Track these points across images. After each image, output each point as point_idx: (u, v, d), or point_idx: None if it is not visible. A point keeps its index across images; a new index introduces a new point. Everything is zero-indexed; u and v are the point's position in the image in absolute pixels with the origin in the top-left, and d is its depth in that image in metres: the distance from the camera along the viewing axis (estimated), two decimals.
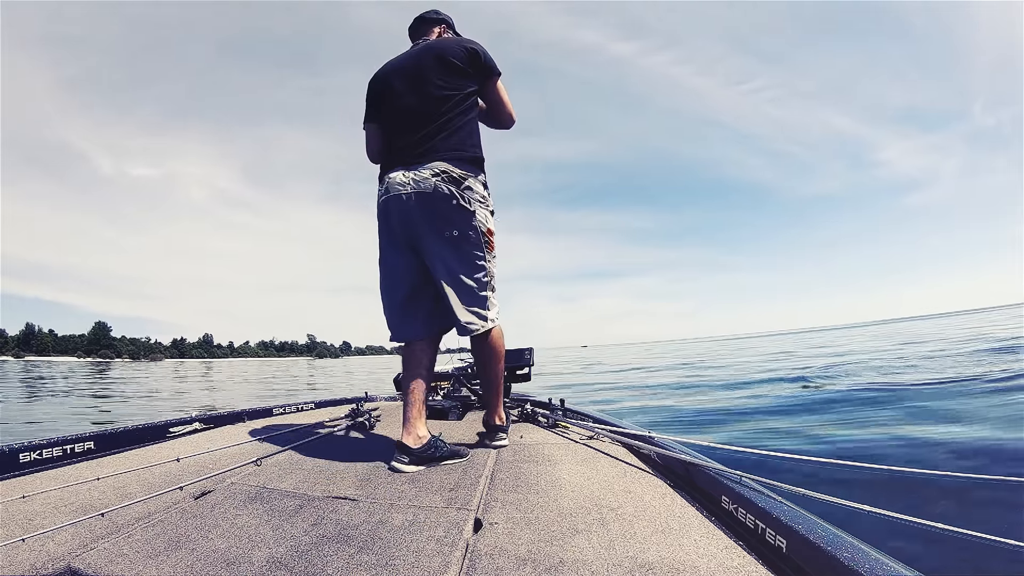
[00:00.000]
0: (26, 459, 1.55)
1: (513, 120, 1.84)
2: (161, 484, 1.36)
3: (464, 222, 1.59)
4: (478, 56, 1.68)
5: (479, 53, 1.68)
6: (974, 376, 5.47)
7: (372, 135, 1.77)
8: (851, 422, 3.98)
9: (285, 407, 2.73)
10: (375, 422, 2.25)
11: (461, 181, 1.59)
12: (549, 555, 0.93)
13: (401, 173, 1.61)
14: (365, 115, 1.78)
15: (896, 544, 1.41)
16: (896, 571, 0.74)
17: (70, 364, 61.32)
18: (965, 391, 4.71)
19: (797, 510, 0.97)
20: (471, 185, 1.61)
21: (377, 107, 1.74)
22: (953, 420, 3.60)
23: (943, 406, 4.14)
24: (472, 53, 1.67)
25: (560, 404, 2.56)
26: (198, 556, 0.93)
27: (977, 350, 8.53)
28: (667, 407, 5.82)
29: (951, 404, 4.20)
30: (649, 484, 1.35)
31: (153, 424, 2.02)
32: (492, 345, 1.70)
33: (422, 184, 1.57)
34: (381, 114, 1.74)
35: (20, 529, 1.07)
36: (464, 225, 1.59)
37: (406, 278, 1.67)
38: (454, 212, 1.58)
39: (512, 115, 1.83)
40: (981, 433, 3.18)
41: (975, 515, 1.93)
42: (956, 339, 12.19)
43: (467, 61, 1.66)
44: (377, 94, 1.74)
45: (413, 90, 1.66)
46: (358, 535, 1.01)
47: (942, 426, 3.46)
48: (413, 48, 1.77)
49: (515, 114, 1.83)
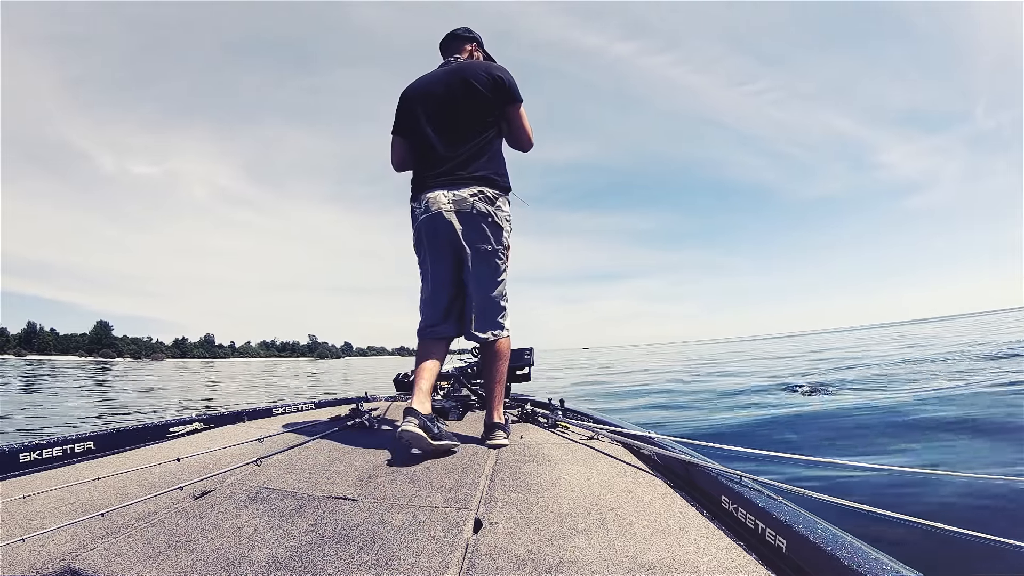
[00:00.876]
0: (26, 459, 1.55)
1: (531, 144, 1.96)
2: (161, 484, 1.36)
3: (496, 239, 1.81)
4: (503, 84, 1.82)
5: (504, 80, 1.82)
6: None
7: (397, 147, 1.95)
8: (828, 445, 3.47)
9: (285, 407, 2.73)
10: (375, 422, 2.25)
11: (494, 200, 1.80)
12: (549, 555, 0.93)
13: (442, 193, 1.79)
14: (393, 126, 1.95)
15: (896, 544, 1.41)
16: (896, 571, 0.74)
17: (71, 363, 61.33)
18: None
19: (797, 510, 0.97)
20: (501, 205, 1.83)
21: (406, 123, 1.91)
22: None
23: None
24: (497, 81, 1.81)
25: (560, 404, 2.56)
26: (198, 556, 0.93)
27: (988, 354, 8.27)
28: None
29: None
30: (649, 484, 1.35)
31: (153, 424, 2.02)
32: (501, 348, 1.88)
33: (463, 204, 1.77)
34: (410, 131, 1.90)
35: (20, 529, 1.07)
36: (496, 242, 1.81)
37: (450, 286, 1.89)
38: (490, 228, 1.79)
39: (531, 139, 1.94)
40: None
41: (975, 515, 1.93)
42: (962, 343, 11.80)
43: (491, 87, 1.80)
44: (407, 111, 1.90)
45: (443, 114, 1.84)
46: (358, 535, 1.01)
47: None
48: (443, 67, 1.93)
49: (534, 139, 1.95)
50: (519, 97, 1.86)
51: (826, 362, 10.54)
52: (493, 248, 1.80)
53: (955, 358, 8.21)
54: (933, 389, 5.19)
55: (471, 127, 1.81)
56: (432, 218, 1.79)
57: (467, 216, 1.77)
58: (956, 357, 8.35)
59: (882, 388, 5.75)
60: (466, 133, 1.81)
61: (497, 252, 1.82)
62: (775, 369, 10.06)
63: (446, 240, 1.80)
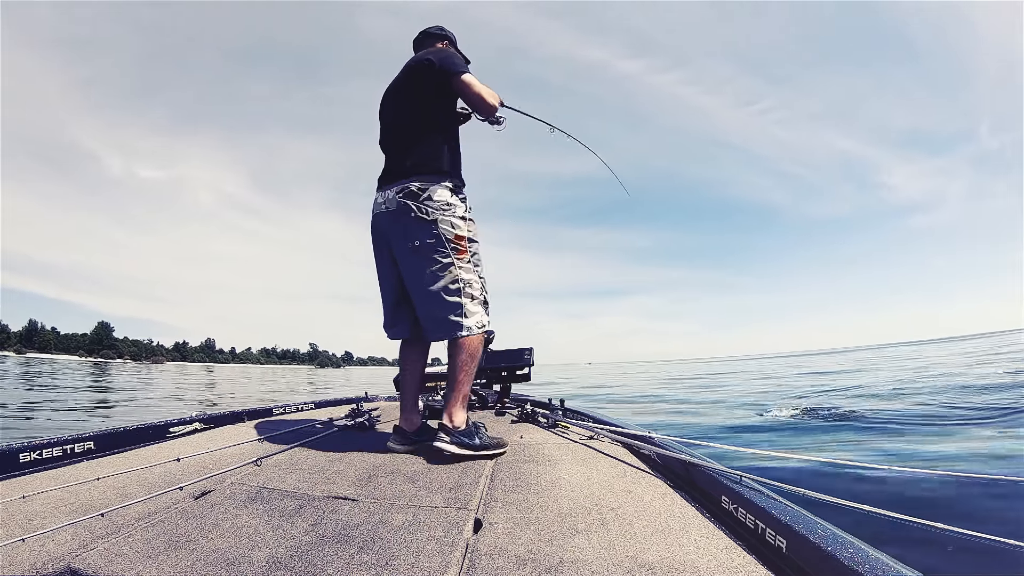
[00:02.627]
0: (26, 459, 1.55)
1: (492, 105, 1.76)
2: (161, 484, 1.36)
3: (424, 232, 1.66)
4: (432, 65, 1.72)
5: (433, 62, 1.73)
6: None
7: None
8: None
9: (285, 407, 2.73)
10: (375, 422, 2.25)
11: (420, 194, 1.67)
12: (549, 555, 0.93)
13: (380, 194, 1.77)
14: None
15: (896, 544, 1.41)
16: (896, 571, 0.74)
17: (71, 362, 61.19)
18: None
19: (797, 510, 0.97)
20: (431, 195, 1.67)
21: (380, 129, 1.90)
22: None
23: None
24: (426, 64, 1.73)
25: (560, 404, 2.56)
26: (198, 556, 0.93)
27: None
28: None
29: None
30: (649, 484, 1.35)
31: (153, 424, 2.02)
32: (466, 351, 1.68)
33: (388, 203, 1.72)
34: (380, 135, 1.89)
35: (20, 529, 1.07)
36: (424, 235, 1.66)
37: (394, 286, 1.82)
38: (412, 223, 1.67)
39: (488, 102, 1.75)
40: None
41: (975, 515, 1.93)
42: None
43: (424, 72, 1.74)
44: (380, 118, 1.90)
45: (389, 111, 1.84)
46: (358, 535, 1.01)
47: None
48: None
49: (495, 96, 1.77)
50: (456, 68, 1.72)
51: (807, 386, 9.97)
52: (423, 242, 1.66)
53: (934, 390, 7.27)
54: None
55: (409, 117, 1.77)
56: (372, 220, 1.80)
57: (393, 215, 1.70)
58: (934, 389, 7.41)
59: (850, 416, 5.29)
60: (404, 125, 1.78)
61: (428, 246, 1.66)
62: (759, 389, 9.89)
63: (382, 242, 1.78)
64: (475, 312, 1.69)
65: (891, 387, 7.93)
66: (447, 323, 1.67)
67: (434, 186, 1.68)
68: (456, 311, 1.67)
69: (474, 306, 1.69)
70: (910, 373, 10.25)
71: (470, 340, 1.68)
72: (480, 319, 1.71)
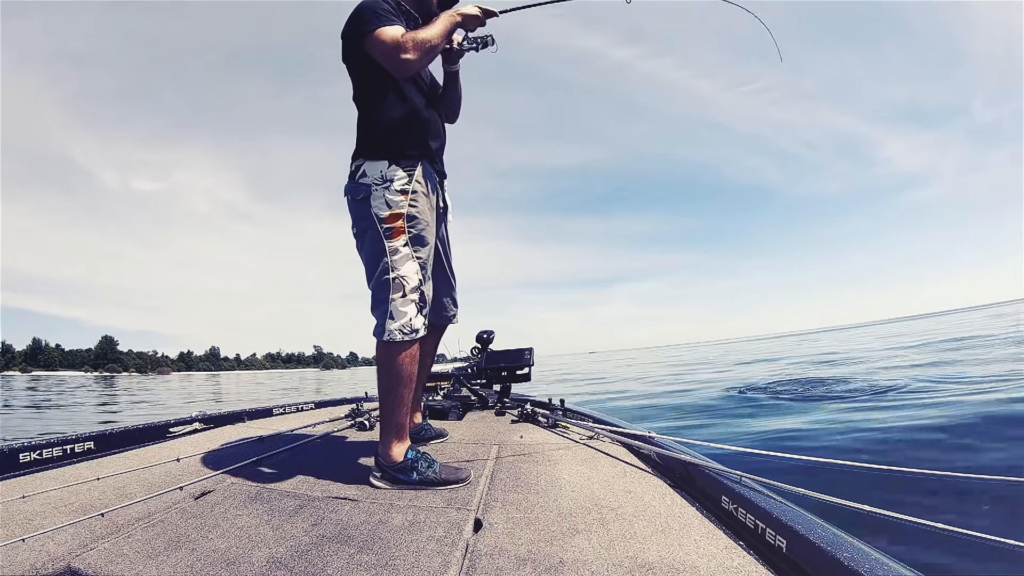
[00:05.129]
0: (26, 459, 1.56)
1: (402, 63, 1.35)
2: (161, 484, 1.36)
3: (359, 216, 1.44)
4: (344, 33, 1.45)
5: (344, 30, 1.45)
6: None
7: None
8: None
9: (285, 407, 2.73)
10: (375, 422, 2.25)
11: (355, 173, 1.46)
12: (549, 555, 0.93)
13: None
14: None
15: (896, 544, 1.41)
16: (896, 571, 0.74)
17: (76, 378, 61.06)
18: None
19: (797, 510, 0.97)
20: (365, 170, 1.43)
21: None
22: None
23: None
24: (342, 34, 1.46)
25: (560, 404, 2.56)
26: (198, 556, 0.93)
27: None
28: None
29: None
30: (649, 484, 1.36)
31: (153, 424, 2.02)
32: (384, 363, 1.38)
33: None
34: None
35: (20, 529, 1.07)
36: (359, 219, 1.44)
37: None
38: (351, 208, 1.47)
39: (397, 59, 1.35)
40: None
41: (975, 515, 1.93)
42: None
43: (343, 44, 1.47)
44: None
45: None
46: (358, 535, 1.01)
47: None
48: None
49: (402, 54, 1.34)
50: (363, 29, 1.37)
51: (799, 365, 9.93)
52: (359, 228, 1.45)
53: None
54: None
55: (353, 95, 1.52)
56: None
57: (347, 204, 1.49)
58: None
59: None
60: (356, 106, 1.52)
61: (364, 231, 1.43)
62: (751, 371, 9.83)
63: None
64: (403, 313, 1.36)
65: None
66: (376, 326, 1.39)
67: (369, 162, 1.43)
68: (379, 308, 1.38)
69: (403, 304, 1.37)
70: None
71: (390, 350, 1.37)
72: (408, 323, 1.36)
